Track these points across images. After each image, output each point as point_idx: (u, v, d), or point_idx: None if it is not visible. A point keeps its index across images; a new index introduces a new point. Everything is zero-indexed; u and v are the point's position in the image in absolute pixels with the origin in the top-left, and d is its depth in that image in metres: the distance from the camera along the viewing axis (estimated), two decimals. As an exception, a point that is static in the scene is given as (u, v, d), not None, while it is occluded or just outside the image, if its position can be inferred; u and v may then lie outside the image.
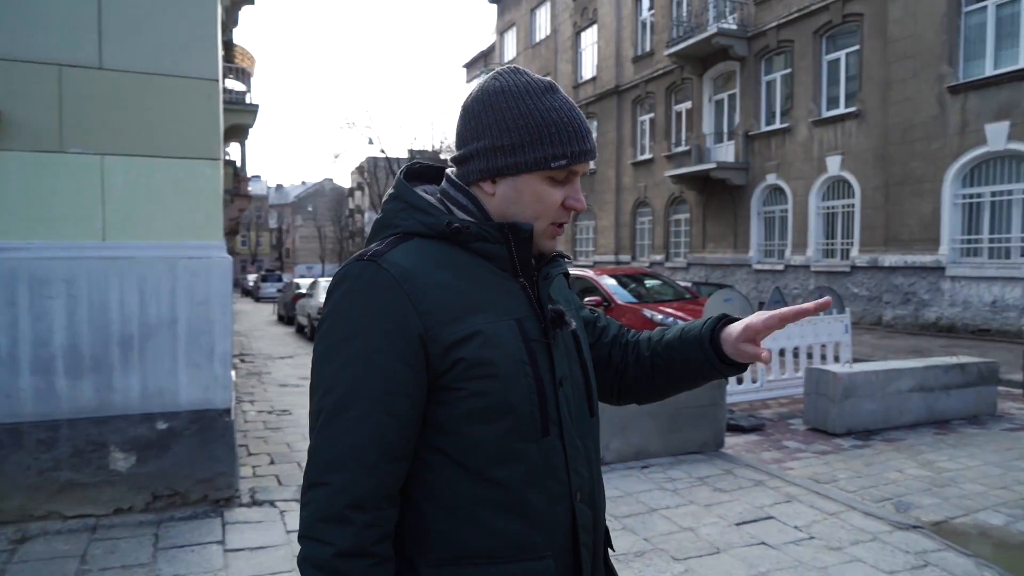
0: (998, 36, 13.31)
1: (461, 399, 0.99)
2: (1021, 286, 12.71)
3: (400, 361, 0.96)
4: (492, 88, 1.06)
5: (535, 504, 1.02)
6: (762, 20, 18.70)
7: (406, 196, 1.09)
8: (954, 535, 4.15)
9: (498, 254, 1.06)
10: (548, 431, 1.03)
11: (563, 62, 29.78)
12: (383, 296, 0.97)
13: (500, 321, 1.02)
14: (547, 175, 1.05)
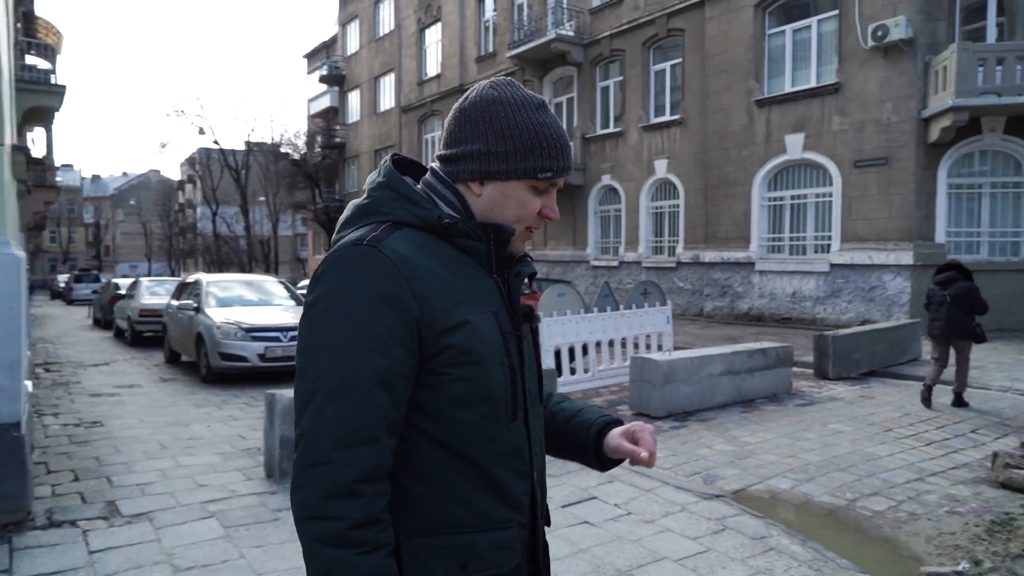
0: (795, 58, 14.96)
1: (447, 383, 1.07)
2: (814, 279, 14.39)
3: (399, 343, 1.03)
4: (491, 97, 1.14)
5: (504, 481, 1.13)
6: (597, 29, 19.68)
7: (399, 187, 1.14)
8: (750, 500, 4.64)
9: (478, 251, 1.14)
10: (516, 416, 1.15)
11: (407, 58, 29.55)
12: (385, 281, 1.03)
13: (481, 312, 1.11)
14: (532, 184, 1.14)
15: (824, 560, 3.64)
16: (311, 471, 0.99)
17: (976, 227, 13.03)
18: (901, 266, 12.91)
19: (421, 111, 28.58)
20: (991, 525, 3.96)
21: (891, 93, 13.03)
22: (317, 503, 0.99)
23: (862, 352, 9.37)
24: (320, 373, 1.01)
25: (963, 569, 3.36)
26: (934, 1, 12.67)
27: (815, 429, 6.44)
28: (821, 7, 14.45)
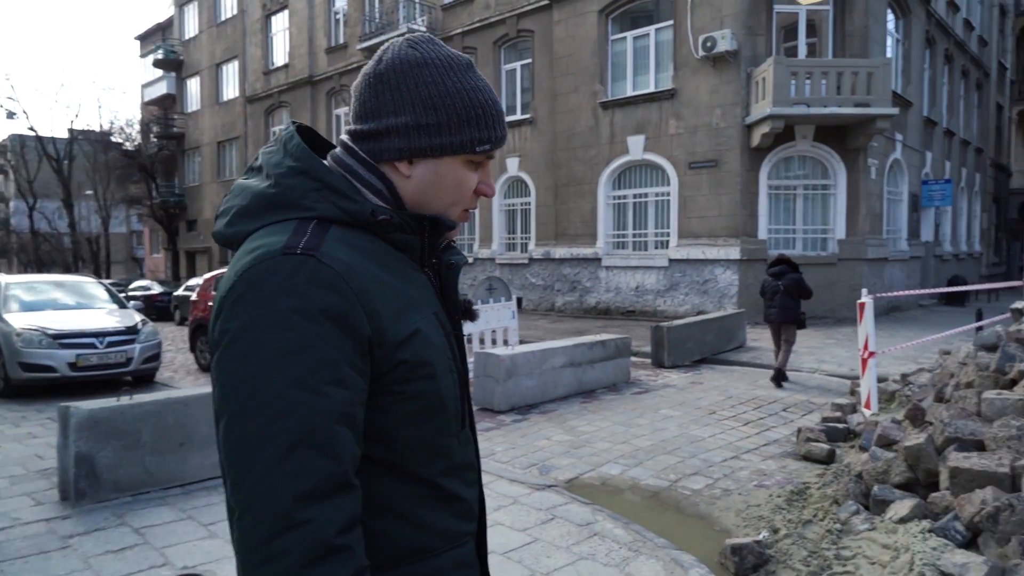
0: (635, 63, 15.73)
1: (399, 403, 0.92)
2: (655, 273, 15.21)
3: (355, 370, 0.85)
4: (412, 58, 0.96)
5: (458, 493, 1.01)
6: (449, 26, 19.63)
7: (319, 173, 0.94)
8: (581, 488, 4.75)
9: (411, 245, 0.99)
10: (464, 423, 1.03)
11: (252, 45, 28.01)
12: (331, 297, 0.84)
13: (427, 316, 0.96)
14: (468, 159, 0.99)
15: (644, 540, 3.78)
16: (280, 540, 0.78)
17: (792, 224, 14.34)
18: (730, 260, 13.95)
19: (268, 102, 27.20)
20: (790, 495, 4.31)
21: (720, 100, 14.03)
22: (299, 572, 0.78)
23: (694, 341, 10.00)
24: (267, 419, 0.80)
25: (763, 538, 3.61)
26: (755, 17, 13.79)
27: (647, 415, 6.76)
28: (658, 17, 15.29)
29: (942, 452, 3.61)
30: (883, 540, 3.27)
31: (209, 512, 4.19)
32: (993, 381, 4.21)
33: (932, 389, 5.30)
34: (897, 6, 16.09)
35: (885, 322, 13.79)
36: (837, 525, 3.62)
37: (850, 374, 8.46)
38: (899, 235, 16.69)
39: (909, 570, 2.83)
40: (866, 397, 6.17)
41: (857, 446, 5.11)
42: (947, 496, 3.29)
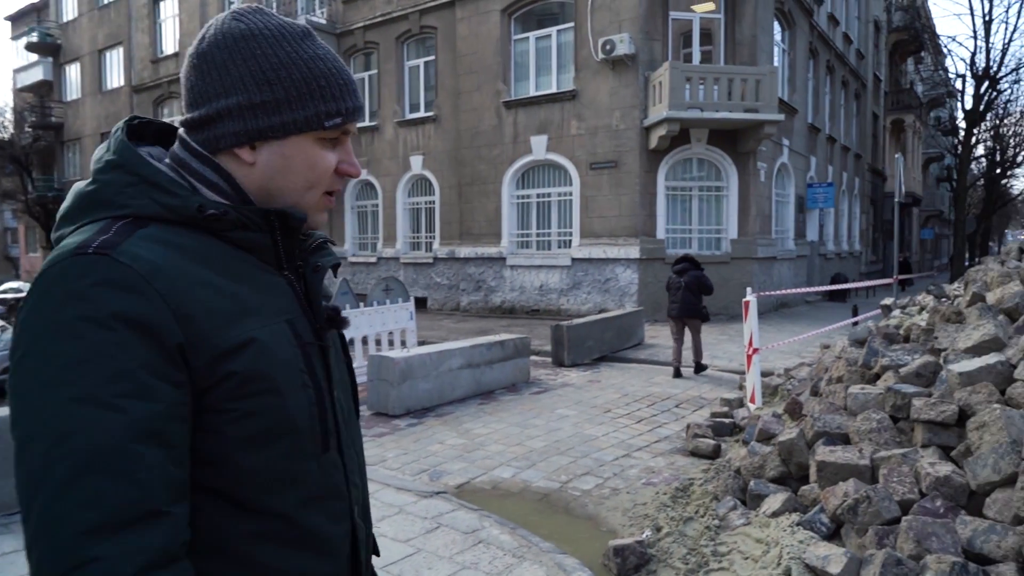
0: (538, 64, 15.82)
1: (231, 422, 0.80)
2: (559, 272, 15.36)
3: (163, 379, 0.75)
4: (237, 31, 0.86)
5: (319, 529, 0.88)
6: (350, 19, 19.12)
7: (136, 166, 0.84)
8: (471, 494, 4.66)
9: (261, 245, 0.88)
10: (328, 445, 0.90)
11: (139, 31, 26.34)
12: (128, 300, 0.74)
13: (272, 324, 0.85)
14: (319, 136, 0.89)
15: (529, 546, 3.72)
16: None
17: (688, 225, 14.83)
18: (630, 260, 14.26)
19: (157, 92, 25.66)
20: (675, 492, 4.37)
21: (619, 102, 14.32)
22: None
23: (594, 339, 10.12)
24: (51, 443, 0.69)
25: (645, 538, 3.63)
26: (651, 23, 14.15)
27: (544, 416, 6.75)
28: (560, 19, 15.44)
29: (812, 446, 3.74)
30: (757, 535, 3.34)
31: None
32: (860, 375, 4.42)
33: (809, 383, 5.54)
34: (783, 18, 16.95)
35: (774, 318, 14.50)
36: (716, 521, 3.69)
37: (740, 369, 8.77)
38: (787, 235, 17.59)
39: (777, 564, 2.90)
40: (751, 392, 6.40)
41: (741, 440, 5.27)
42: (815, 489, 3.41)
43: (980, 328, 3.76)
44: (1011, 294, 4.02)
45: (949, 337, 4.09)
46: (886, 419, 3.55)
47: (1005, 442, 2.76)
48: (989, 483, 2.74)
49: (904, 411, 3.56)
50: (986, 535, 2.52)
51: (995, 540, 2.49)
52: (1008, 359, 3.36)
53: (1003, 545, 2.47)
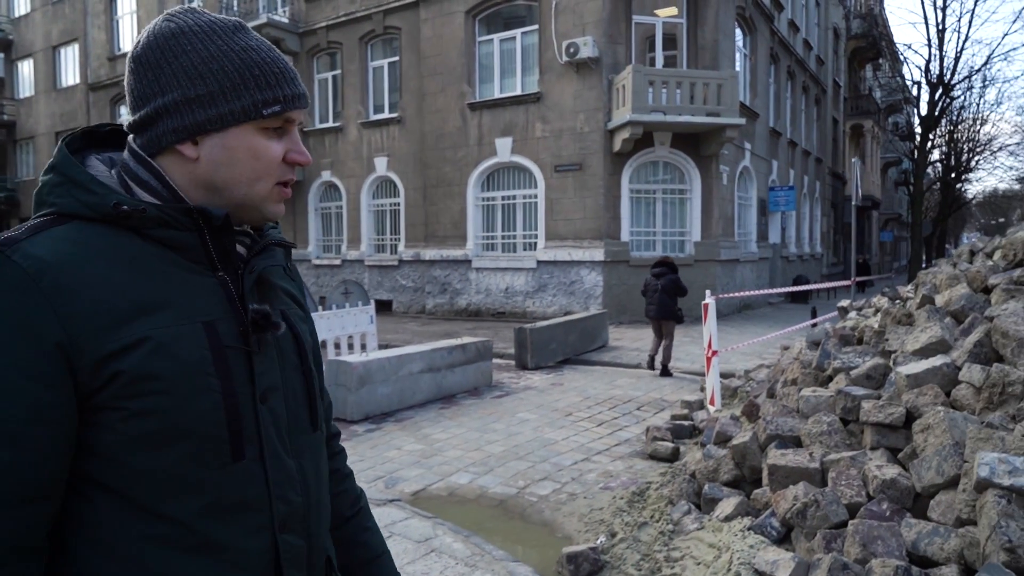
0: (502, 66, 15.79)
1: (122, 421, 0.80)
2: (524, 275, 15.33)
3: (30, 379, 0.75)
4: (168, 31, 0.87)
5: (222, 540, 0.85)
6: (312, 19, 18.86)
7: (65, 168, 0.87)
8: (426, 501, 4.58)
9: (187, 244, 0.87)
10: (242, 454, 0.86)
11: (95, 28, 25.67)
12: (8, 296, 0.76)
13: (180, 325, 0.84)
14: (260, 126, 0.89)
15: (482, 554, 3.66)
16: None
17: (652, 227, 14.92)
18: (595, 262, 14.29)
19: (114, 90, 25.02)
20: (632, 496, 4.35)
21: (583, 105, 14.35)
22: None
23: (557, 342, 10.10)
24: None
25: (599, 544, 3.60)
26: (615, 27, 14.21)
27: (504, 420, 6.69)
28: (524, 21, 15.43)
29: (765, 449, 3.74)
30: (709, 539, 3.33)
31: None
32: (814, 378, 4.45)
33: (767, 385, 5.57)
34: (744, 23, 17.18)
35: (737, 320, 14.67)
36: (670, 526, 3.67)
37: (702, 371, 8.83)
38: (749, 238, 17.82)
39: (728, 570, 2.88)
40: (710, 394, 6.43)
41: (699, 443, 5.28)
42: (767, 493, 3.41)
43: (928, 330, 3.81)
44: (958, 296, 4.08)
45: (899, 339, 4.14)
46: (836, 422, 3.57)
47: (948, 444, 2.78)
48: (933, 485, 2.76)
49: (854, 413, 3.58)
50: (930, 538, 2.53)
51: (938, 543, 2.50)
52: (953, 361, 3.40)
53: (946, 548, 2.48)
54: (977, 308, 3.94)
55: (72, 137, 0.93)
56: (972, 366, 3.22)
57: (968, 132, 31.82)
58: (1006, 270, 4.32)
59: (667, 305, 8.82)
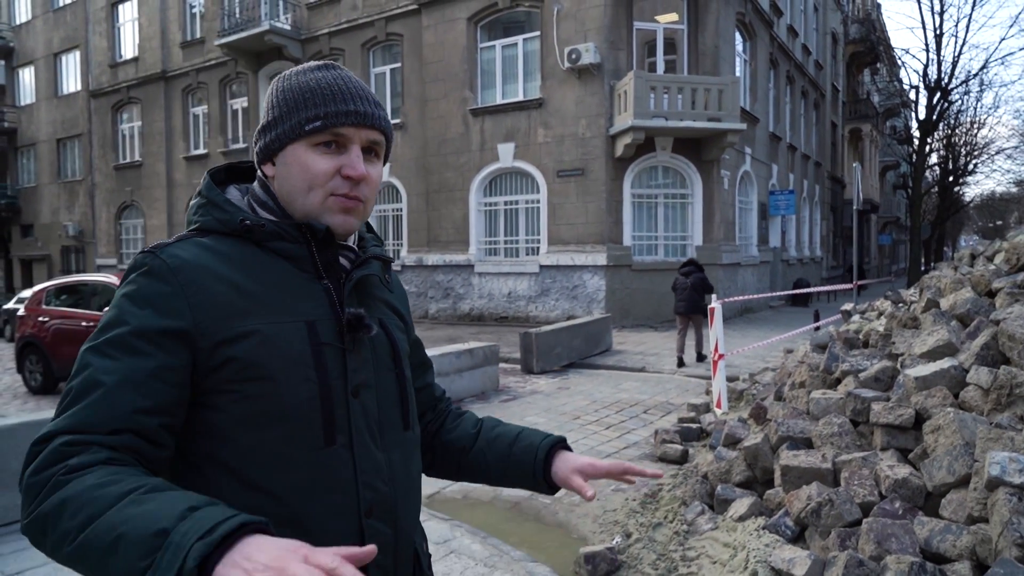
0: (504, 72, 15.90)
1: (233, 402, 0.94)
2: (527, 279, 15.42)
3: (159, 347, 0.92)
4: (276, 80, 1.06)
5: (312, 516, 0.95)
6: (315, 25, 18.98)
7: (206, 193, 1.06)
8: (442, 503, 4.65)
9: (298, 255, 1.01)
10: (333, 440, 0.97)
11: (96, 35, 25.76)
12: (155, 285, 0.95)
13: (285, 322, 0.97)
14: (312, 143, 1.00)
15: (500, 555, 3.73)
16: (35, 447, 0.86)
17: (654, 232, 15.02)
18: (597, 266, 14.38)
19: (115, 97, 25.11)
20: (644, 498, 4.42)
21: (585, 111, 14.46)
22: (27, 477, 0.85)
23: (562, 346, 10.18)
24: (75, 374, 0.92)
25: (615, 544, 3.67)
26: (616, 33, 14.33)
27: (513, 423, 6.75)
28: (526, 27, 15.55)
29: (776, 451, 3.82)
30: (724, 539, 3.40)
31: (16, 560, 3.71)
32: (821, 380, 4.53)
33: (773, 388, 5.65)
34: (744, 28, 17.31)
35: (738, 323, 14.75)
36: (684, 526, 3.74)
37: (706, 374, 8.92)
38: (750, 241, 17.93)
39: (744, 568, 2.95)
40: (717, 397, 6.50)
41: (708, 445, 5.35)
42: (780, 493, 3.48)
43: (934, 334, 3.89)
44: (963, 300, 4.17)
45: (906, 342, 4.22)
46: (847, 423, 3.65)
47: (959, 444, 2.86)
48: (944, 484, 2.84)
49: (864, 415, 3.66)
50: (942, 535, 2.61)
51: (951, 540, 2.58)
52: (961, 363, 3.48)
53: (958, 544, 2.55)
54: (982, 312, 4.03)
55: (216, 169, 1.12)
56: (980, 368, 3.30)
57: (966, 136, 31.96)
58: (1009, 274, 4.40)
59: (695, 301, 9.66)
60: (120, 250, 25.74)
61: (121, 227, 25.78)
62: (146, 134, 24.04)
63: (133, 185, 24.70)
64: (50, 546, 0.80)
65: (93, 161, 26.33)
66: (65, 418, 0.88)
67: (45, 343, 9.28)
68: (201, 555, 0.71)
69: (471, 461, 1.27)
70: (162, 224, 23.74)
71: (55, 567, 3.61)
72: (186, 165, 23.01)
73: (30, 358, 9.60)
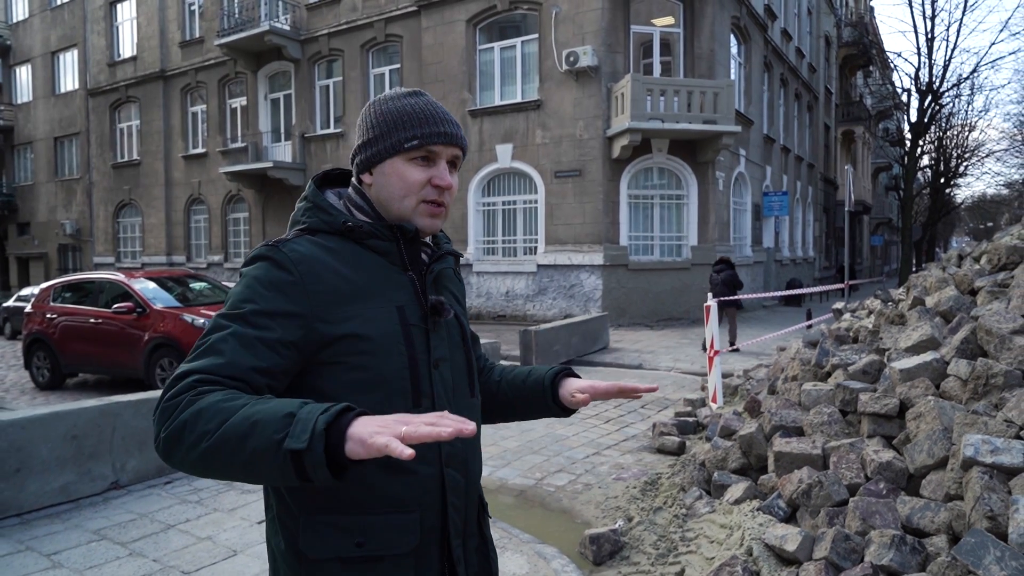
0: (503, 73, 16.11)
1: (343, 371, 1.14)
2: (524, 279, 15.64)
3: (280, 325, 1.11)
4: (369, 105, 1.27)
5: (405, 465, 1.14)
6: (314, 26, 19.15)
7: (313, 198, 1.26)
8: (451, 491, 4.85)
9: (389, 250, 1.22)
10: (420, 403, 1.18)
11: (94, 34, 25.84)
12: (279, 274, 1.13)
13: (381, 307, 1.17)
14: (407, 157, 1.21)
15: (510, 537, 3.94)
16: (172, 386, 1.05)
17: (650, 232, 15.26)
18: (594, 266, 14.61)
19: (113, 96, 25.20)
20: (644, 485, 4.65)
21: (583, 113, 14.68)
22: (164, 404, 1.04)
23: (561, 344, 10.40)
24: (210, 330, 1.11)
25: (618, 527, 3.89)
26: (613, 35, 14.56)
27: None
28: (524, 30, 15.76)
29: (770, 439, 4.05)
30: (721, 520, 3.63)
31: (51, 541, 3.90)
32: (813, 374, 4.77)
33: (767, 383, 5.89)
34: (739, 32, 17.57)
35: (732, 322, 15.00)
36: (683, 510, 3.97)
37: (701, 371, 9.16)
38: (744, 242, 18.19)
39: (740, 545, 3.18)
40: (712, 392, 6.73)
41: (704, 437, 5.59)
42: (773, 477, 3.71)
43: (919, 329, 4.12)
44: (946, 298, 4.40)
45: (892, 338, 4.46)
46: (836, 413, 3.88)
47: (938, 430, 3.09)
48: (925, 466, 3.07)
49: (852, 405, 3.89)
50: (922, 512, 2.84)
51: (929, 516, 2.81)
52: (942, 356, 3.72)
53: (936, 520, 2.78)
54: (964, 308, 4.27)
55: (316, 177, 1.34)
56: (959, 361, 3.53)
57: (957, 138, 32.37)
58: (991, 273, 4.65)
59: (727, 295, 10.62)
60: (118, 248, 25.83)
61: (119, 225, 25.87)
62: (144, 133, 24.14)
63: (131, 184, 24.80)
64: (185, 448, 0.99)
65: (91, 160, 26.41)
66: (197, 362, 1.07)
67: (53, 339, 9.45)
68: (327, 422, 0.92)
69: (498, 404, 1.49)
70: (160, 223, 23.85)
71: (89, 547, 3.81)
72: (184, 164, 23.13)
73: (38, 354, 9.76)
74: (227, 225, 22.17)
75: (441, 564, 1.23)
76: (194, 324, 8.31)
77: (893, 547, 2.65)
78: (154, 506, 4.49)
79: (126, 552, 3.76)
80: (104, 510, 4.41)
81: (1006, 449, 2.71)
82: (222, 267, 21.88)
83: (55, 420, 4.48)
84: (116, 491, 4.73)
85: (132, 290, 8.91)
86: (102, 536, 3.98)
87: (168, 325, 8.43)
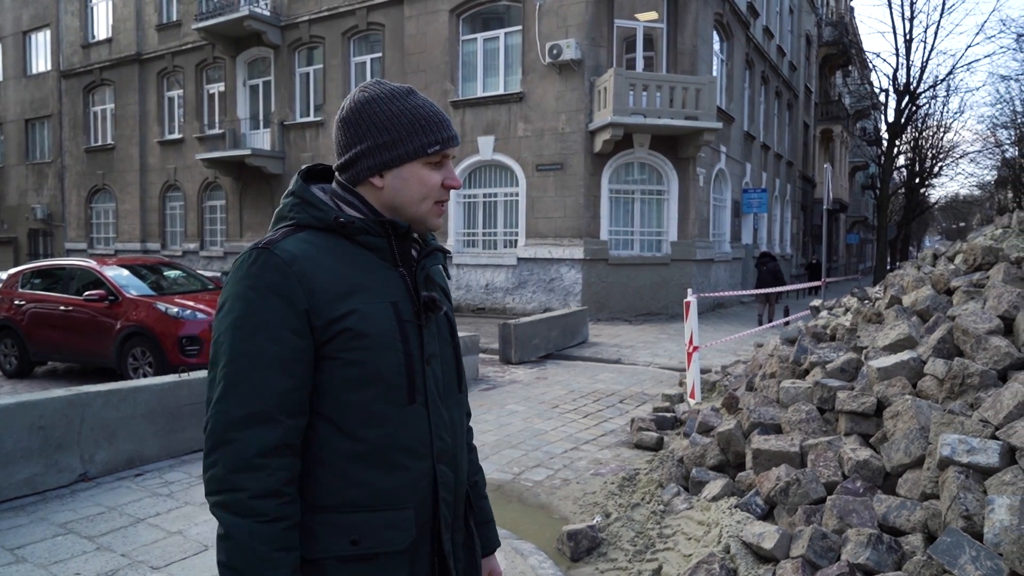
0: (486, 65, 16.00)
1: (338, 367, 1.14)
2: (504, 272, 15.60)
3: (291, 331, 1.11)
4: (362, 99, 1.22)
5: (399, 461, 1.17)
6: (295, 12, 18.87)
7: (301, 193, 1.23)
8: (428, 486, 4.81)
9: (380, 246, 1.22)
10: (414, 399, 1.19)
11: (68, 14, 25.24)
12: (274, 277, 1.11)
13: (376, 302, 1.17)
14: (425, 161, 1.22)
15: (487, 533, 3.90)
16: (218, 450, 1.07)
17: (630, 227, 15.28)
18: (575, 260, 14.61)
19: (88, 78, 24.64)
20: (622, 481, 4.64)
21: (565, 106, 14.64)
22: (224, 477, 1.07)
23: (540, 338, 10.38)
24: (224, 362, 1.10)
25: (596, 523, 3.87)
26: (597, 29, 14.52)
27: (494, 411, 6.95)
28: (507, 21, 15.66)
29: (748, 436, 4.06)
30: (699, 517, 3.62)
31: (15, 535, 3.80)
32: (791, 371, 4.79)
33: (745, 379, 5.91)
34: (722, 29, 17.62)
35: (711, 318, 15.10)
36: (661, 506, 3.96)
37: (679, 366, 9.19)
38: (723, 238, 18.30)
39: (718, 542, 3.17)
40: (691, 388, 6.75)
41: (682, 433, 5.59)
42: (751, 475, 3.72)
43: (896, 328, 4.15)
44: (923, 297, 4.44)
45: (870, 336, 4.49)
46: (814, 410, 3.89)
47: (915, 429, 3.11)
48: (901, 465, 3.08)
49: (830, 403, 3.90)
50: (898, 511, 2.85)
51: (905, 515, 2.82)
52: (919, 355, 3.74)
53: (912, 519, 2.80)
54: (940, 308, 4.30)
55: (302, 171, 1.31)
56: (936, 360, 3.56)
57: (932, 139, 32.84)
58: (967, 273, 4.69)
59: (772, 285, 12.51)
60: (90, 234, 25.33)
61: (92, 211, 25.36)
62: (119, 117, 23.66)
63: (105, 169, 24.31)
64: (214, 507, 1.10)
65: (63, 143, 25.83)
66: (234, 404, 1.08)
67: (21, 326, 9.22)
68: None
69: None
70: (134, 209, 23.43)
71: (55, 541, 3.71)
72: (160, 150, 22.72)
73: (5, 341, 9.53)
74: (203, 212, 21.83)
75: (432, 559, 1.24)
76: (167, 313, 8.15)
77: (870, 546, 2.65)
78: (123, 499, 4.39)
79: (93, 546, 3.67)
80: (71, 503, 4.31)
81: (982, 449, 2.73)
82: (197, 255, 21.55)
83: (21, 410, 4.36)
84: (84, 483, 4.62)
85: (104, 277, 8.71)
86: (68, 530, 3.88)
87: (141, 313, 8.26)
